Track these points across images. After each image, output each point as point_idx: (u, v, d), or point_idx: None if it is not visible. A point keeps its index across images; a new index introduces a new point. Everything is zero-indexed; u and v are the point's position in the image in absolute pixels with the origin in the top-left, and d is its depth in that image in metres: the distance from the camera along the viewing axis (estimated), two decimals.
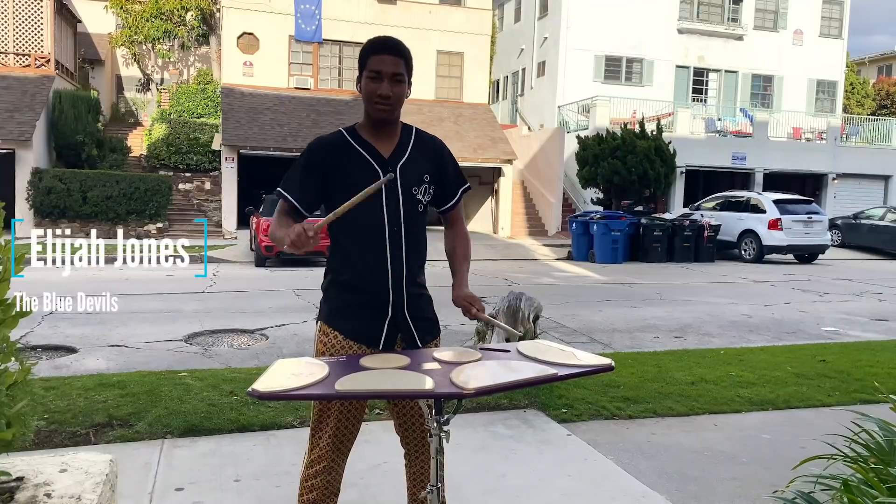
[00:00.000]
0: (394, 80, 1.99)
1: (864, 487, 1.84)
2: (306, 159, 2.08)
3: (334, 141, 2.08)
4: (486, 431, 3.80)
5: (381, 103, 1.99)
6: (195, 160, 20.56)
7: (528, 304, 4.98)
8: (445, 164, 2.18)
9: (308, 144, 2.11)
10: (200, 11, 24.34)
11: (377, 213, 2.03)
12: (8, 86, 17.93)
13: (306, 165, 2.07)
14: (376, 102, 2.00)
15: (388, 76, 1.98)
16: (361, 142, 2.07)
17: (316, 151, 2.08)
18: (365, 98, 2.02)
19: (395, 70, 1.98)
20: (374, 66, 1.98)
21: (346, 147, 2.06)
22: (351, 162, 2.05)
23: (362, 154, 2.05)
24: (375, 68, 1.98)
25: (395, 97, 2.00)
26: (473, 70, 22.07)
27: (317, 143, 2.11)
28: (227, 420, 3.74)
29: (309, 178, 2.06)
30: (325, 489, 2.10)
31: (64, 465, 1.87)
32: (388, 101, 1.99)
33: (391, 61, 1.99)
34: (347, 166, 2.04)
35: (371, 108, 2.02)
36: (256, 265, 13.03)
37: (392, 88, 1.98)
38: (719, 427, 4.00)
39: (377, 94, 1.98)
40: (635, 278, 12.19)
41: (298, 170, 2.08)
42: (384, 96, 1.98)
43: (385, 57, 1.99)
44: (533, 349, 2.04)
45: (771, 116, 23.51)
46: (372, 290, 2.05)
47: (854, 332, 7.48)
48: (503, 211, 20.70)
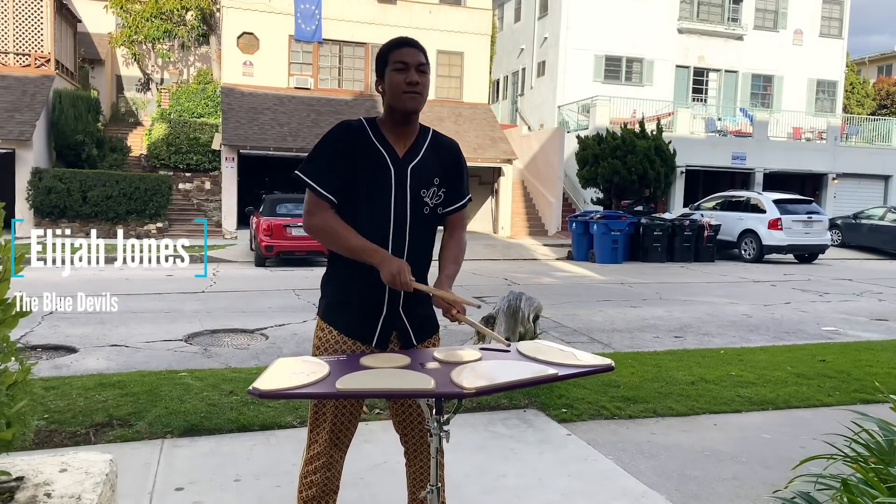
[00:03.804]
0: (419, 69, 2.01)
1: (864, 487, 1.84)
2: (329, 145, 2.04)
3: (359, 129, 2.06)
4: (486, 431, 3.80)
5: (410, 91, 1.99)
6: (195, 160, 20.57)
7: (528, 304, 4.98)
8: (458, 169, 2.18)
9: (332, 130, 2.07)
10: (200, 11, 24.34)
11: (384, 212, 2.03)
12: (8, 86, 17.93)
13: (330, 151, 2.03)
14: (405, 91, 1.99)
15: (414, 65, 2.00)
16: (380, 137, 2.06)
17: (340, 138, 2.05)
18: (391, 90, 2.01)
19: (420, 60, 2.01)
20: (398, 58, 2.00)
21: (366, 139, 2.06)
22: (369, 156, 2.04)
23: (380, 150, 2.05)
24: (400, 59, 2.00)
25: (422, 85, 2.01)
26: (473, 70, 22.07)
27: (342, 129, 2.06)
28: (227, 420, 3.74)
29: (332, 163, 2.03)
30: (324, 486, 2.11)
31: (64, 465, 1.87)
32: (416, 88, 2.00)
33: (414, 53, 2.02)
34: (365, 159, 2.04)
35: (399, 100, 2.01)
36: (256, 265, 13.03)
37: (419, 77, 2.00)
38: (719, 427, 4.00)
39: (406, 81, 1.99)
40: (635, 278, 12.19)
41: (326, 155, 2.03)
42: (413, 82, 1.99)
43: (407, 49, 2.02)
44: (533, 349, 2.04)
45: (771, 116, 23.51)
46: (368, 287, 2.05)
47: (854, 332, 7.48)
48: (503, 211, 20.71)
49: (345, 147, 2.03)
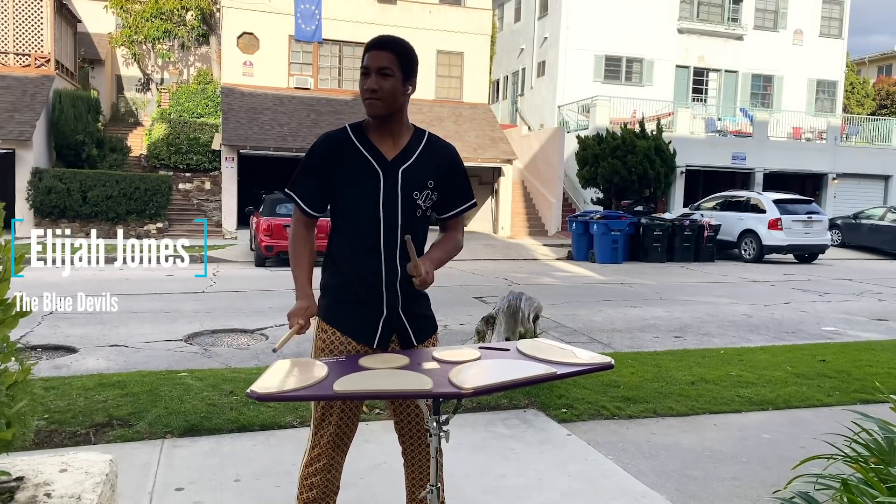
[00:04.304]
0: (380, 73, 1.99)
1: (864, 487, 1.84)
2: (309, 159, 2.09)
3: (339, 138, 2.08)
4: (485, 431, 3.80)
5: (368, 97, 2.01)
6: (195, 160, 20.57)
7: (528, 303, 4.98)
8: (455, 173, 2.17)
9: (313, 144, 2.12)
10: (200, 11, 24.34)
11: (374, 215, 2.04)
12: (8, 86, 17.93)
13: (309, 165, 2.09)
14: (366, 98, 2.01)
15: (375, 70, 1.99)
16: (365, 142, 2.07)
17: (320, 151, 2.08)
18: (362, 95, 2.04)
19: (381, 64, 1.99)
20: (364, 62, 2.02)
21: (349, 146, 2.06)
22: (352, 162, 2.05)
23: (364, 154, 2.05)
24: (364, 65, 2.02)
25: (382, 91, 1.99)
26: (473, 70, 22.07)
27: (322, 141, 2.11)
28: (227, 420, 3.74)
29: (312, 178, 2.08)
30: (325, 487, 2.11)
31: (64, 465, 1.87)
32: (375, 95, 1.99)
33: (377, 56, 2.00)
34: (349, 166, 2.04)
35: (364, 105, 2.04)
36: (256, 265, 13.03)
37: (379, 82, 1.98)
38: (719, 427, 4.00)
39: (364, 87, 2.01)
40: (635, 278, 12.19)
41: (303, 170, 2.10)
42: (370, 89, 1.99)
43: (372, 52, 2.01)
44: (532, 348, 2.04)
45: (771, 116, 23.51)
46: (368, 288, 2.06)
47: (854, 332, 7.48)
48: (503, 211, 20.71)
49: (324, 159, 2.06)
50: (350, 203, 2.06)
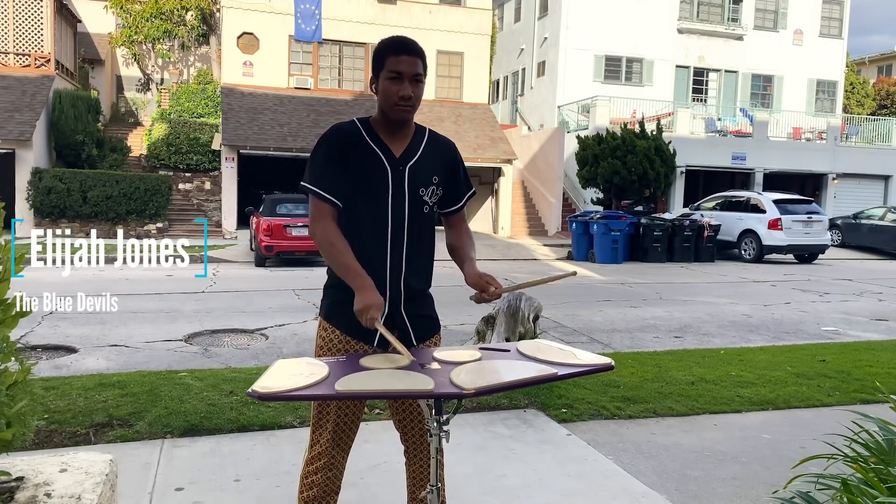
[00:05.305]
0: (414, 80, 1.97)
1: (864, 487, 1.84)
2: (324, 148, 2.04)
3: (351, 130, 2.06)
4: (486, 431, 3.80)
5: (402, 105, 1.98)
6: (195, 160, 20.56)
7: (528, 303, 4.98)
8: (457, 167, 2.18)
9: (325, 134, 2.07)
10: (200, 11, 24.33)
11: (382, 212, 2.03)
12: (8, 86, 17.92)
13: (326, 153, 2.03)
14: (397, 104, 1.98)
15: (409, 77, 1.97)
16: (375, 138, 2.06)
17: (336, 138, 2.05)
18: (383, 98, 2.00)
19: (415, 70, 1.97)
20: (394, 66, 1.97)
21: (361, 140, 2.05)
22: (364, 157, 2.04)
23: (375, 151, 2.04)
24: (395, 69, 1.96)
25: (415, 98, 1.99)
26: (473, 70, 22.07)
27: (334, 131, 2.07)
28: (227, 420, 3.74)
29: (332, 165, 2.02)
30: (326, 486, 2.11)
31: (64, 465, 1.87)
32: (409, 102, 1.98)
33: (410, 62, 1.97)
34: (360, 161, 2.04)
35: (391, 110, 2.00)
36: (256, 265, 13.03)
37: (413, 89, 1.97)
38: (719, 427, 4.00)
39: (399, 95, 1.96)
40: (635, 278, 12.19)
41: (320, 160, 2.04)
42: (406, 97, 1.97)
43: (404, 57, 1.97)
44: (533, 349, 2.04)
45: (771, 116, 23.51)
46: None
47: (854, 332, 7.48)
48: (503, 211, 20.71)
49: (339, 149, 2.03)
50: (358, 198, 2.04)
